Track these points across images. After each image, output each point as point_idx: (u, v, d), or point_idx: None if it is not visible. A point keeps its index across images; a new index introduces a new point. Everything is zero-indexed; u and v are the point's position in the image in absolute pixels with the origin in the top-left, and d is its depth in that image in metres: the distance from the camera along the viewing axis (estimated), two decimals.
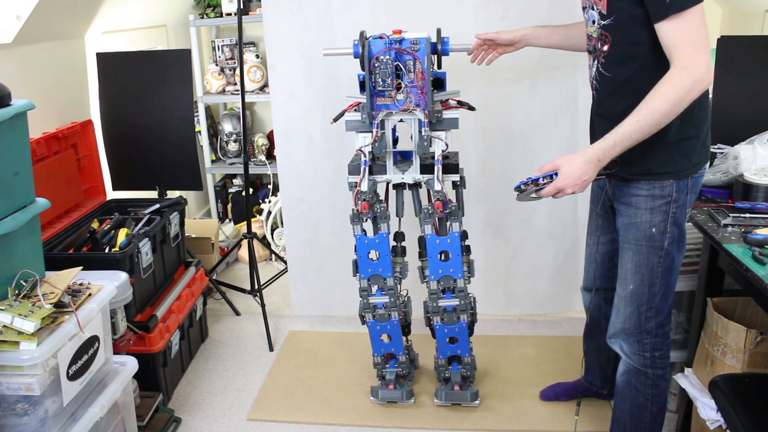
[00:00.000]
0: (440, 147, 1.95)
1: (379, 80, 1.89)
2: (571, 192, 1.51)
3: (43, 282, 1.65)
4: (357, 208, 1.98)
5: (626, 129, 1.44)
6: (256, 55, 3.81)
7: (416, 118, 1.94)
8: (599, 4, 1.54)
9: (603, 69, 1.61)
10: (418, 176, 2.02)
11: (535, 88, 2.58)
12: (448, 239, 1.99)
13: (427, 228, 2.00)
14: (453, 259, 2.02)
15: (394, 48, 1.86)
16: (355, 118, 1.99)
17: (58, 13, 2.49)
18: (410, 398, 2.31)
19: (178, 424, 2.26)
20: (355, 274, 2.13)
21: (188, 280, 2.64)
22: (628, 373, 1.78)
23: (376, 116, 1.94)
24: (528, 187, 1.57)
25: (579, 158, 1.49)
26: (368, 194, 1.99)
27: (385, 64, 1.87)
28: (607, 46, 1.56)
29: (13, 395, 1.51)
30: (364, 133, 1.99)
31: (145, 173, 2.85)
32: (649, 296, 1.67)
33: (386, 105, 1.93)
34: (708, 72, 1.39)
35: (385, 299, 2.11)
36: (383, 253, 2.06)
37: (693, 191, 1.62)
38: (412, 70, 1.87)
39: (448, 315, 2.09)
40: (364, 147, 1.98)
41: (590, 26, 1.63)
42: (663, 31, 1.41)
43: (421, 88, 1.89)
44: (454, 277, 2.04)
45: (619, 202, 1.69)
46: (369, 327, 2.18)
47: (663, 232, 1.61)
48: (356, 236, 2.04)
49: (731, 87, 2.15)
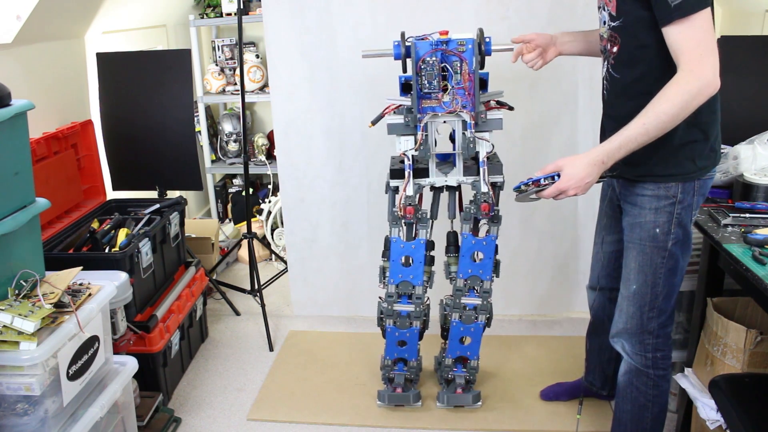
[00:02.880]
0: (486, 148, 1.93)
1: (425, 82, 1.85)
2: (573, 194, 1.50)
3: (43, 282, 1.65)
4: (401, 212, 1.95)
5: (632, 131, 1.43)
6: (256, 55, 3.81)
7: (461, 120, 1.91)
8: (609, 6, 1.55)
9: (612, 70, 1.61)
10: (462, 178, 2.00)
11: (535, 88, 2.57)
12: (484, 242, 1.98)
13: (466, 227, 1.98)
14: (484, 261, 2.01)
15: (440, 49, 1.83)
16: (398, 121, 1.93)
17: (58, 13, 2.49)
18: (418, 401, 2.30)
19: (178, 424, 2.26)
20: (382, 279, 2.10)
21: (188, 280, 2.64)
22: (630, 374, 1.78)
23: (421, 119, 1.89)
24: (529, 188, 1.55)
25: (583, 159, 1.48)
26: (413, 198, 1.96)
27: (431, 66, 1.83)
28: (617, 47, 1.56)
29: (13, 395, 1.51)
30: (406, 136, 1.94)
31: (145, 173, 2.85)
32: (652, 297, 1.67)
33: (432, 107, 1.89)
34: (715, 77, 1.38)
35: (411, 308, 2.09)
36: (417, 259, 2.03)
37: (700, 193, 1.61)
38: (459, 72, 1.84)
39: (467, 313, 2.09)
40: (407, 151, 1.94)
41: (602, 27, 1.63)
42: (670, 35, 1.41)
43: (468, 89, 1.86)
44: (482, 279, 2.03)
45: (626, 201, 1.69)
46: (387, 332, 2.15)
47: (667, 233, 1.61)
48: (392, 239, 2.01)
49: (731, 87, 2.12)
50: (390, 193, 2.05)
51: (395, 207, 1.99)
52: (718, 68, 1.39)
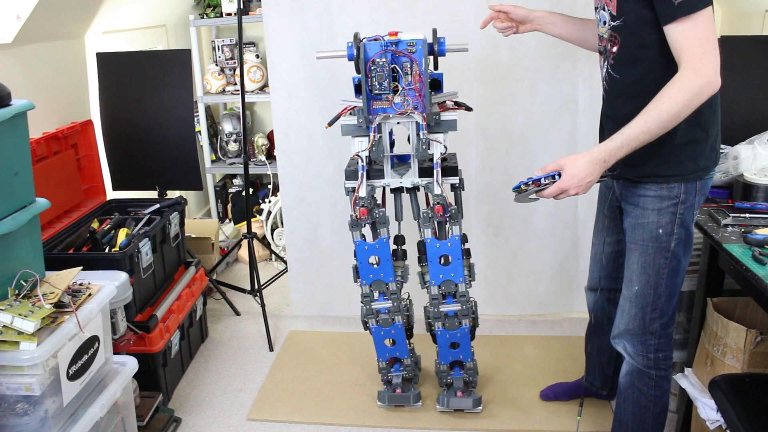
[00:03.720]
0: (439, 150, 1.92)
1: (376, 83, 1.84)
2: (574, 193, 1.49)
3: (43, 282, 1.65)
4: (356, 213, 1.95)
5: (633, 130, 1.43)
6: (256, 55, 3.81)
7: (414, 121, 1.90)
8: (610, 5, 1.54)
9: (612, 70, 1.60)
10: (417, 180, 1.99)
11: (535, 88, 2.57)
12: (449, 243, 1.96)
13: (427, 232, 1.96)
14: (454, 264, 1.99)
15: (390, 50, 1.81)
16: (351, 123, 1.94)
17: (58, 13, 2.49)
18: (418, 401, 2.29)
19: (178, 424, 2.26)
20: (356, 279, 2.10)
21: (188, 280, 2.64)
22: (632, 374, 1.77)
23: (372, 120, 1.90)
24: (529, 188, 1.53)
25: (584, 158, 1.47)
26: (367, 199, 1.96)
27: (381, 67, 1.82)
28: (617, 47, 1.56)
29: (13, 395, 1.51)
30: (361, 137, 1.95)
31: (145, 173, 2.85)
32: (655, 297, 1.67)
33: (383, 108, 1.89)
34: (717, 75, 1.38)
35: (388, 304, 2.09)
36: (384, 258, 2.03)
37: (701, 193, 1.61)
38: (409, 73, 1.83)
39: (450, 320, 2.07)
40: (361, 152, 1.95)
41: (601, 27, 1.62)
42: (672, 34, 1.40)
43: (419, 90, 1.84)
44: (455, 282, 2.01)
45: (627, 202, 1.69)
46: (373, 332, 2.15)
47: (670, 234, 1.60)
48: (356, 242, 2.01)
49: (731, 87, 2.13)
50: (350, 195, 2.02)
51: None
52: (719, 67, 1.39)
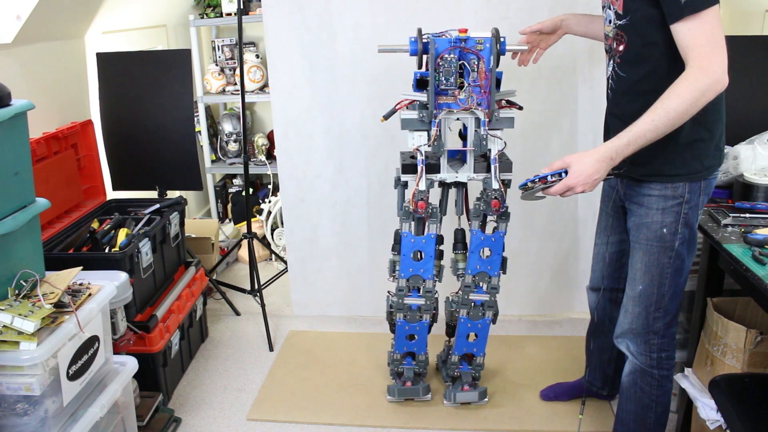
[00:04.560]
0: (498, 146, 1.94)
1: (442, 78, 1.86)
2: (581, 191, 1.48)
3: (43, 282, 1.65)
4: (413, 206, 1.96)
5: (641, 128, 1.42)
6: (256, 55, 3.81)
7: (474, 117, 1.92)
8: (615, 4, 1.54)
9: (618, 69, 1.60)
10: (473, 174, 2.01)
11: (535, 88, 2.57)
12: (493, 238, 2.00)
13: (475, 223, 2.00)
14: (493, 257, 2.03)
15: (459, 47, 1.84)
16: (412, 117, 1.94)
17: (58, 13, 2.49)
18: (427, 393, 2.32)
19: (178, 424, 2.26)
20: (391, 274, 2.12)
21: (188, 280, 2.64)
22: (634, 374, 1.78)
23: (437, 115, 1.90)
24: (535, 185, 1.53)
25: (591, 156, 1.46)
26: (425, 193, 1.98)
27: (449, 63, 1.84)
28: (623, 46, 1.56)
29: (13, 395, 1.50)
30: (419, 131, 1.95)
31: (145, 173, 2.85)
32: (658, 297, 1.67)
33: (447, 104, 1.90)
34: (724, 73, 1.38)
35: (421, 302, 2.11)
36: (428, 254, 2.05)
37: (705, 193, 1.61)
38: (476, 70, 1.86)
39: (475, 310, 2.11)
40: (421, 146, 1.95)
41: (607, 26, 1.62)
42: (679, 32, 1.40)
43: (484, 87, 1.87)
44: (490, 274, 2.05)
45: (631, 201, 1.69)
46: (397, 326, 2.17)
47: (674, 233, 1.60)
48: (403, 234, 2.03)
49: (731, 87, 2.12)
50: (400, 188, 2.06)
51: (406, 202, 2.00)
52: (727, 65, 1.38)
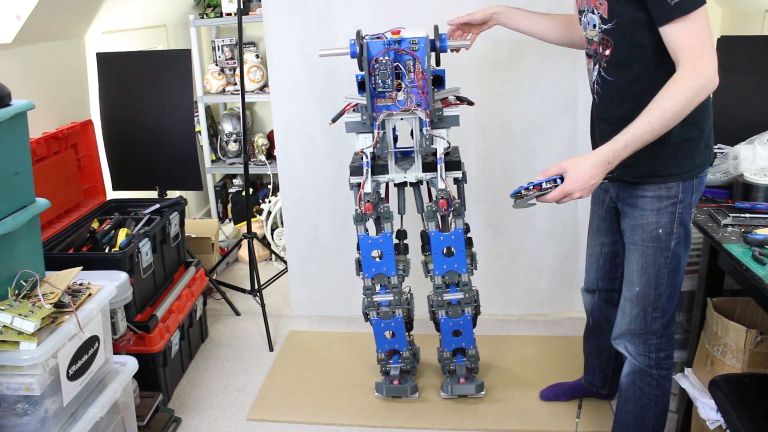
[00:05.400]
0: (442, 145, 1.96)
1: (379, 81, 1.87)
2: (578, 196, 1.46)
3: (43, 282, 1.65)
4: (361, 209, 1.98)
5: (638, 130, 1.41)
6: (256, 55, 3.81)
7: (417, 117, 1.94)
8: (600, 8, 1.53)
9: (605, 73, 1.60)
10: (421, 175, 2.03)
11: (535, 88, 2.57)
12: (452, 236, 2.01)
13: (431, 225, 2.01)
14: (457, 255, 2.04)
15: (393, 48, 1.84)
16: (355, 120, 1.97)
17: (58, 13, 2.49)
18: (414, 393, 2.33)
19: (178, 424, 2.26)
20: (358, 273, 2.14)
21: (188, 280, 2.64)
22: (633, 374, 1.78)
23: (377, 117, 1.93)
24: (530, 192, 1.48)
25: (588, 161, 1.45)
26: (372, 195, 1.99)
27: (384, 65, 1.85)
28: (609, 50, 1.55)
29: (13, 395, 1.51)
30: (365, 133, 1.99)
31: (145, 173, 2.85)
32: (656, 297, 1.67)
33: (387, 106, 1.92)
34: (716, 73, 1.38)
35: (390, 297, 2.13)
36: (387, 252, 2.07)
37: (698, 191, 1.62)
38: (412, 70, 1.86)
39: (453, 308, 2.12)
40: (365, 148, 1.98)
41: (590, 30, 1.61)
42: (669, 34, 1.40)
43: (422, 87, 1.88)
44: (458, 272, 2.06)
45: (624, 203, 1.69)
46: (373, 324, 2.19)
47: (669, 233, 1.60)
48: (360, 236, 2.04)
49: (731, 87, 2.14)
50: (354, 190, 2.06)
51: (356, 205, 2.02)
52: (716, 64, 1.39)
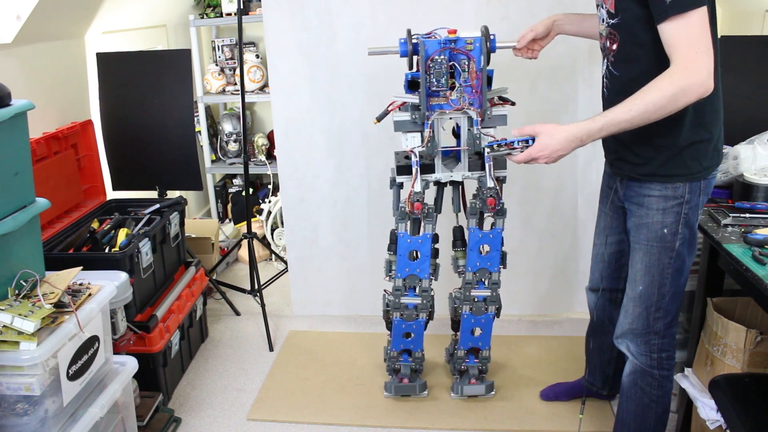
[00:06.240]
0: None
1: (434, 80, 1.87)
2: (543, 162, 1.54)
3: (43, 282, 1.65)
4: (410, 207, 1.98)
5: (617, 116, 1.44)
6: (256, 55, 3.81)
7: (467, 116, 1.93)
8: (607, 3, 1.54)
9: (612, 67, 1.61)
10: (468, 173, 2.02)
11: (535, 88, 2.57)
12: (491, 234, 2.03)
13: (472, 222, 2.02)
14: (492, 254, 2.06)
15: (449, 48, 1.85)
16: (404, 118, 1.95)
17: (58, 13, 2.49)
18: (424, 390, 2.34)
19: (178, 424, 2.26)
20: (388, 273, 2.13)
21: (188, 280, 2.64)
22: (635, 374, 1.78)
23: (429, 116, 1.91)
24: (501, 149, 1.60)
25: (562, 133, 1.50)
26: (421, 194, 1.99)
27: (439, 64, 1.85)
28: (616, 44, 1.56)
29: (13, 395, 1.51)
30: (412, 133, 1.97)
31: (145, 173, 2.85)
32: (659, 297, 1.67)
33: (440, 105, 1.91)
34: (709, 77, 1.37)
35: (418, 300, 2.13)
36: (424, 253, 2.08)
37: (705, 193, 1.61)
38: (467, 70, 1.87)
39: (477, 305, 2.13)
40: (415, 148, 1.96)
41: (601, 24, 1.63)
42: (665, 32, 1.40)
43: (476, 87, 1.88)
44: (490, 270, 2.08)
45: (631, 202, 1.69)
46: (394, 325, 2.19)
47: (674, 233, 1.60)
48: (399, 234, 2.04)
49: (731, 87, 2.13)
50: (395, 189, 2.07)
51: (402, 202, 2.01)
52: (713, 69, 1.37)
